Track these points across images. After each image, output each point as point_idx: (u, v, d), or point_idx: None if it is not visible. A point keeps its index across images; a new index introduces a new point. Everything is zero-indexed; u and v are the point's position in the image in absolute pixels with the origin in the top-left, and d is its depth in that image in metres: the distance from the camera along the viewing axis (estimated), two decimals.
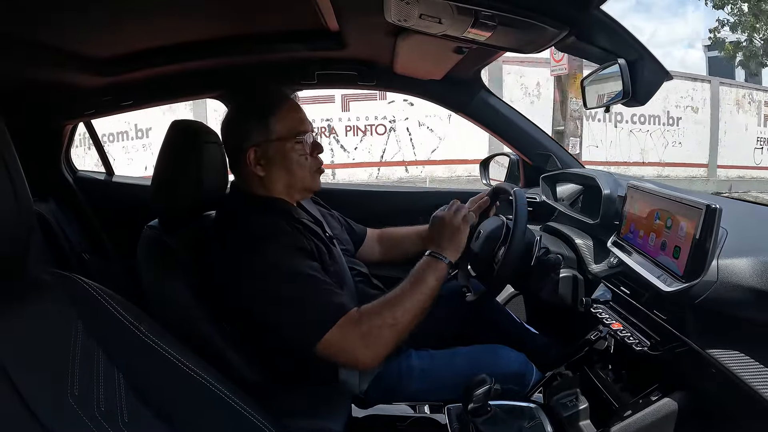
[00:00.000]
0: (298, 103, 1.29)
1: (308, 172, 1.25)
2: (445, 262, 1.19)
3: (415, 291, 1.12)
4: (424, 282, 1.14)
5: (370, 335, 1.05)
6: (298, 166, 1.23)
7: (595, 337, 1.24)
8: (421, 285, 1.14)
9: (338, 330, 1.04)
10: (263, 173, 1.22)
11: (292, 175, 1.23)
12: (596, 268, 1.33)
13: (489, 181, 2.11)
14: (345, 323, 1.05)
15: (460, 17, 1.07)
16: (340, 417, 1.07)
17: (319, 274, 1.12)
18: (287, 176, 1.23)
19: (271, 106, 1.23)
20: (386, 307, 1.09)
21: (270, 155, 1.22)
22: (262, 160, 1.21)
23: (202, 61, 1.59)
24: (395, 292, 1.13)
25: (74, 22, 1.22)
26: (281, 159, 1.22)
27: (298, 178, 1.24)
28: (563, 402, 1.22)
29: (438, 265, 1.18)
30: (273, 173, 1.23)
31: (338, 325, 1.04)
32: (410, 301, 1.10)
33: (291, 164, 1.23)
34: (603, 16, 1.01)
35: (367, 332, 1.05)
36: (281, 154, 1.22)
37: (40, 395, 0.62)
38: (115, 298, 0.79)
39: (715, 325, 0.90)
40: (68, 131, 2.13)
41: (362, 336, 1.05)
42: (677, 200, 0.95)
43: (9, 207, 0.61)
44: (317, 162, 1.27)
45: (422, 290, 1.13)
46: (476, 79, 1.83)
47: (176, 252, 1.16)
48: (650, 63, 1.10)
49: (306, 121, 1.26)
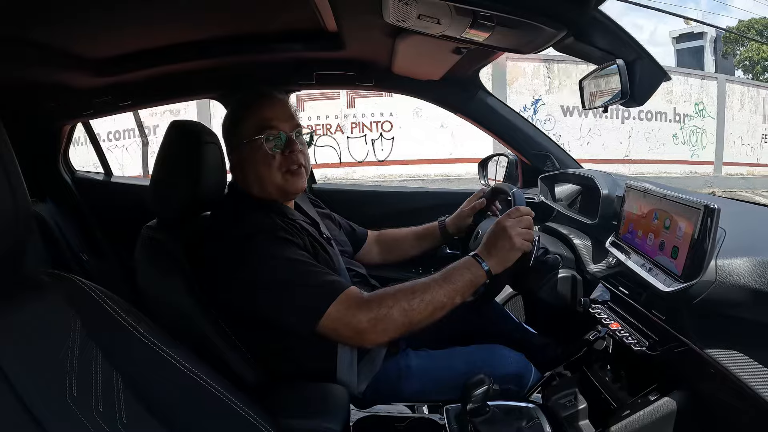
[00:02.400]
0: (282, 100, 1.27)
1: (276, 172, 1.21)
2: (485, 268, 1.11)
3: (442, 285, 1.09)
4: (455, 280, 1.10)
5: (378, 315, 1.03)
6: (264, 167, 1.21)
7: (594, 337, 1.24)
8: (451, 282, 1.09)
9: (339, 306, 1.04)
10: (241, 175, 1.24)
11: (260, 175, 1.22)
12: (595, 268, 1.33)
13: (487, 182, 2.11)
14: (345, 299, 1.04)
15: (459, 18, 1.07)
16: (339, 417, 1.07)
17: (312, 260, 1.12)
18: (256, 177, 1.23)
19: (244, 108, 1.24)
20: (405, 291, 1.07)
21: (243, 157, 1.23)
22: (239, 163, 1.24)
23: (200, 61, 1.59)
24: (422, 281, 1.10)
25: (72, 22, 1.22)
26: (250, 159, 1.22)
27: (266, 178, 1.22)
28: (562, 402, 1.23)
29: (476, 269, 1.11)
30: (247, 175, 1.24)
31: (338, 301, 1.04)
32: (431, 294, 1.07)
33: (257, 165, 1.21)
34: (601, 16, 1.02)
35: (376, 311, 1.04)
36: (250, 155, 1.21)
37: (38, 397, 0.62)
38: (114, 298, 0.79)
39: (714, 325, 0.90)
40: (66, 132, 2.13)
41: (369, 313, 1.03)
42: (675, 200, 0.95)
43: (7, 208, 0.60)
44: (288, 161, 1.22)
45: (449, 287, 1.09)
46: (474, 80, 1.83)
47: (174, 252, 1.16)
48: (649, 63, 1.10)
49: (278, 119, 1.22)
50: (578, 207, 1.67)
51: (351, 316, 1.04)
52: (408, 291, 1.07)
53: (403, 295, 1.06)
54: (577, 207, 1.67)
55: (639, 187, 1.12)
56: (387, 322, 1.04)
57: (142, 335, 0.79)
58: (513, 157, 2.00)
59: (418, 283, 1.09)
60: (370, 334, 1.05)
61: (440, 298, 1.07)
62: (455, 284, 1.09)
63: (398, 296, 1.06)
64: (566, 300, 1.37)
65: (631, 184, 1.16)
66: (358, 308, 1.04)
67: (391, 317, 1.04)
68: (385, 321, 1.04)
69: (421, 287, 1.08)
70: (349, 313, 1.04)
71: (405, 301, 1.05)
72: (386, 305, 1.04)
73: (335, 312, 1.04)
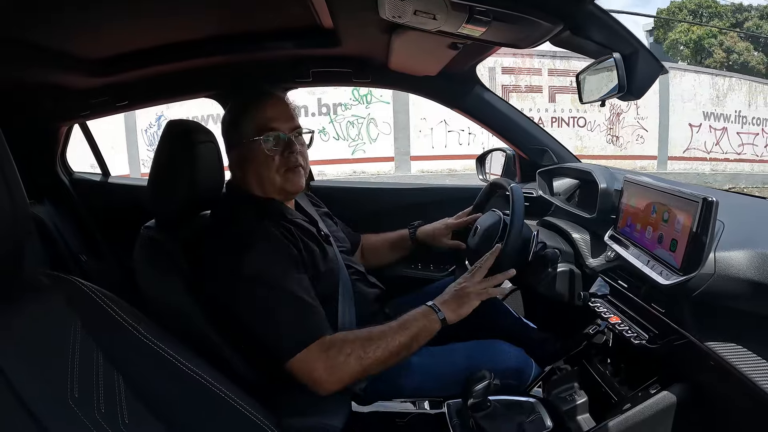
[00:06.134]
0: (281, 101, 1.28)
1: (276, 173, 1.23)
2: (440, 317, 1.16)
3: (398, 333, 1.11)
4: (411, 329, 1.13)
5: (336, 363, 1.05)
6: (264, 167, 1.22)
7: (594, 331, 1.24)
8: (406, 330, 1.12)
9: (308, 353, 1.05)
10: (240, 174, 1.24)
11: (259, 175, 1.23)
12: (593, 262, 1.33)
13: (485, 176, 2.11)
14: (315, 348, 1.06)
15: (455, 13, 1.07)
16: (340, 414, 1.07)
17: (303, 289, 1.12)
18: (256, 177, 1.24)
19: (244, 107, 1.24)
20: (361, 339, 1.09)
21: (243, 156, 1.23)
22: (239, 162, 1.24)
23: (197, 60, 1.59)
24: (378, 328, 1.12)
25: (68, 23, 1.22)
26: (251, 160, 1.23)
27: (266, 178, 1.23)
28: (562, 396, 1.23)
29: (432, 318, 1.15)
30: (247, 174, 1.25)
31: (309, 349, 1.05)
32: (387, 341, 1.10)
33: (257, 165, 1.23)
34: (597, 10, 1.01)
35: (334, 359, 1.05)
36: (251, 154, 1.22)
37: (39, 398, 0.62)
38: (113, 299, 0.79)
39: (713, 317, 0.91)
40: (63, 133, 2.12)
41: (327, 361, 1.05)
42: (674, 193, 0.95)
43: (5, 210, 0.60)
44: (287, 162, 1.24)
45: (405, 334, 1.12)
46: (471, 75, 1.82)
47: (173, 252, 1.16)
48: (645, 57, 1.10)
49: (278, 119, 1.24)
50: (576, 201, 1.67)
51: (313, 362, 1.05)
52: (365, 339, 1.09)
53: (360, 342, 1.08)
54: (575, 201, 1.67)
55: (637, 180, 1.12)
56: (342, 370, 1.06)
57: (143, 335, 0.79)
58: (511, 152, 2.00)
59: (374, 330, 1.12)
60: (326, 384, 1.06)
61: (395, 346, 1.10)
62: (411, 332, 1.12)
63: (356, 344, 1.08)
64: (565, 294, 1.36)
65: (629, 178, 1.16)
66: (318, 357, 1.06)
67: (347, 364, 1.06)
68: (341, 369, 1.06)
69: (378, 335, 1.10)
70: (311, 361, 1.05)
71: (361, 349, 1.07)
72: (344, 353, 1.06)
73: (303, 356, 1.05)
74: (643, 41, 9.26)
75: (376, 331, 1.11)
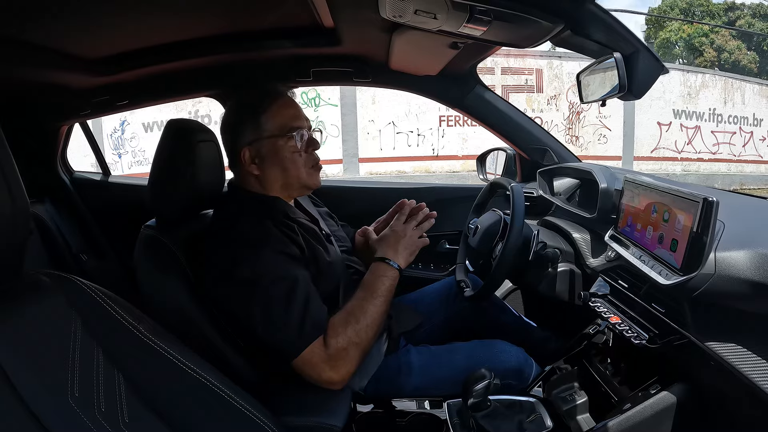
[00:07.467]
0: (293, 99, 1.29)
1: (303, 169, 1.24)
2: (396, 267, 1.20)
3: (372, 302, 1.14)
4: (378, 290, 1.16)
5: (337, 357, 1.07)
6: (291, 164, 1.22)
7: (594, 331, 1.24)
8: (380, 296, 1.15)
9: (312, 350, 1.06)
10: (258, 172, 1.22)
11: (286, 172, 1.23)
12: (594, 261, 1.33)
13: (486, 176, 2.11)
14: (318, 344, 1.07)
15: (456, 12, 1.06)
16: (341, 414, 1.07)
17: (304, 287, 1.11)
18: (282, 174, 1.23)
19: (262, 104, 1.23)
20: (350, 324, 1.10)
21: (263, 153, 1.22)
22: (256, 159, 1.22)
23: (197, 59, 1.58)
24: (354, 305, 1.14)
25: (68, 22, 1.22)
26: (274, 156, 1.22)
27: (293, 175, 1.24)
28: (562, 396, 1.23)
29: (390, 272, 1.20)
30: (268, 171, 1.23)
31: (312, 346, 1.06)
32: (370, 315, 1.12)
33: (284, 161, 1.22)
34: (598, 9, 1.01)
35: (335, 354, 1.07)
36: (274, 151, 1.22)
37: (40, 397, 0.62)
38: (114, 298, 0.79)
39: (713, 317, 0.91)
40: (64, 132, 2.12)
41: (329, 358, 1.07)
42: (674, 193, 0.95)
43: (5, 209, 0.60)
44: (312, 158, 1.26)
45: (378, 299, 1.15)
46: (472, 75, 1.82)
47: (174, 251, 1.16)
48: (646, 56, 1.10)
49: (300, 117, 1.25)
50: (577, 201, 1.67)
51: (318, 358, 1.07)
52: (352, 322, 1.11)
53: (351, 328, 1.10)
54: (575, 201, 1.68)
55: (638, 180, 1.12)
56: (346, 361, 1.09)
57: (143, 334, 0.79)
58: (511, 152, 2.00)
59: (356, 309, 1.13)
60: (334, 378, 1.08)
61: (378, 316, 1.14)
62: (384, 297, 1.16)
63: (348, 333, 1.10)
64: (566, 294, 1.37)
65: (629, 178, 1.16)
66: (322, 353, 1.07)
67: (348, 354, 1.09)
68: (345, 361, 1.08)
69: (360, 311, 1.13)
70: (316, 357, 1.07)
71: (354, 335, 1.10)
72: (342, 344, 1.08)
73: (307, 354, 1.06)
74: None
75: (353, 310, 1.13)
